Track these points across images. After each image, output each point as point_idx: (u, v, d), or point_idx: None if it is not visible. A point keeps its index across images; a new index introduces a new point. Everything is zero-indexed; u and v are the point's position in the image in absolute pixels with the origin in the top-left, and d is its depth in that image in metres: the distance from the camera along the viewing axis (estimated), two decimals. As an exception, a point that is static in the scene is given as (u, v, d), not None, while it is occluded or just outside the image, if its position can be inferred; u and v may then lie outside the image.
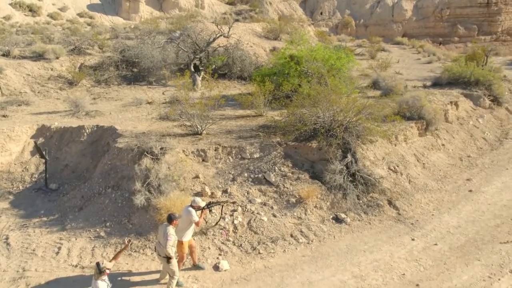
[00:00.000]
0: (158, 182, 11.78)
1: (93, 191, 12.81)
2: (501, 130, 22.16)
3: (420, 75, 30.33)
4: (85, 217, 12.02)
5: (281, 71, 20.19)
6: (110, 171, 13.15)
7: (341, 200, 12.83)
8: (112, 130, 15.06)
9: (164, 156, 12.56)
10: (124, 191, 12.40)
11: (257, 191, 12.67)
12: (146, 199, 11.52)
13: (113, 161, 13.31)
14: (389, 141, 15.58)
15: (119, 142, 13.76)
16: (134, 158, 12.80)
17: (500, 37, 75.39)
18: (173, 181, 11.94)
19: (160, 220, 11.03)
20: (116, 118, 16.91)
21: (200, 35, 27.92)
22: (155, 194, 11.55)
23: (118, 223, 11.64)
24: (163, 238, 8.85)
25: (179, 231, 9.47)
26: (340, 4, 78.17)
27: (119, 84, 23.13)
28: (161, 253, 8.94)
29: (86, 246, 10.91)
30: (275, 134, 14.63)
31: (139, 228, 11.40)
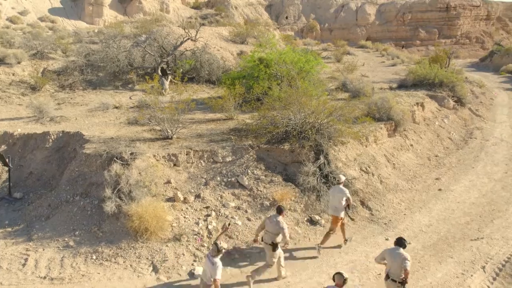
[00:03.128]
0: (129, 188, 11.47)
1: (61, 199, 12.36)
2: (465, 130, 22.71)
3: (385, 78, 30.82)
4: (52, 227, 11.57)
5: (250, 74, 20.12)
6: (78, 178, 12.73)
7: (315, 202, 12.82)
8: (79, 136, 14.60)
9: (134, 161, 12.26)
10: (93, 198, 12.02)
11: (231, 195, 12.51)
12: (116, 206, 11.19)
13: (81, 167, 12.89)
14: (360, 143, 15.69)
15: (86, 148, 13.34)
16: (103, 164, 12.44)
17: (460, 41, 77.82)
18: (145, 187, 11.64)
19: (132, 227, 10.74)
20: (82, 124, 16.43)
21: (166, 39, 27.55)
22: (126, 200, 11.24)
23: (88, 232, 11.26)
24: (276, 228, 9.67)
25: (334, 209, 11.18)
26: (305, 9, 79.01)
27: (85, 88, 22.53)
28: (268, 241, 9.75)
29: (54, 257, 10.48)
30: (247, 137, 14.51)
31: (110, 236, 11.05)
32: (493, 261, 11.04)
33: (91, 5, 59.96)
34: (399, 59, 42.68)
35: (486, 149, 20.23)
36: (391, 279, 8.50)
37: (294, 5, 78.59)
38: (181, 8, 70.40)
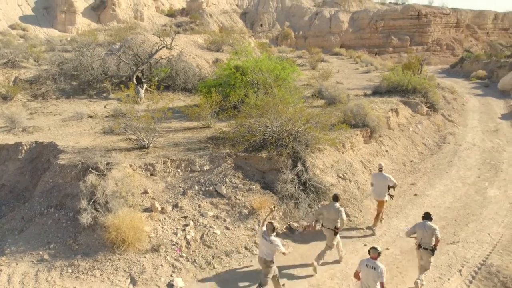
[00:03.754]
0: (105, 199, 11.28)
1: (34, 212, 12.06)
2: (439, 135, 23.13)
3: (360, 84, 31.19)
4: (26, 240, 11.27)
5: (226, 82, 20.10)
6: (52, 190, 12.45)
7: (293, 210, 12.84)
8: (53, 146, 14.30)
9: (110, 171, 12.06)
10: (68, 210, 11.77)
11: (209, 204, 12.43)
12: (92, 217, 10.98)
13: (55, 178, 12.62)
14: (337, 149, 15.81)
15: (60, 158, 13.07)
16: (78, 175, 12.20)
17: (431, 47, 79.49)
18: (121, 198, 11.47)
19: (108, 238, 10.56)
20: (56, 134, 16.11)
21: (141, 47, 27.33)
22: (102, 212, 11.04)
23: (63, 245, 11.01)
24: (335, 214, 10.81)
25: (379, 194, 12.71)
26: (279, 16, 79.58)
27: (58, 98, 22.14)
28: (331, 226, 10.89)
29: (28, 271, 10.21)
30: (224, 146, 14.45)
31: (86, 249, 10.83)
32: (469, 264, 11.23)
33: (63, 13, 59.16)
34: (372, 66, 43.32)
35: (459, 154, 20.62)
36: (423, 248, 10.06)
37: (268, 13, 79.08)
38: (156, 16, 70.07)
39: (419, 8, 79.92)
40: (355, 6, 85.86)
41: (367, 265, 8.62)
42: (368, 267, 8.57)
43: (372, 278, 8.50)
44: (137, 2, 67.77)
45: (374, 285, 8.50)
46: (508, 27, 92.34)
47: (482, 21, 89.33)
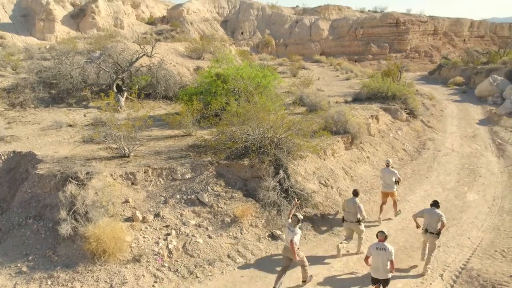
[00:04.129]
0: (85, 209, 11.12)
1: (12, 223, 11.82)
2: (418, 141, 23.41)
3: (340, 91, 31.43)
4: (3, 252, 11.03)
5: (207, 90, 20.07)
6: (30, 200, 12.23)
7: (276, 217, 12.84)
8: (31, 156, 14.06)
9: (90, 181, 11.90)
10: (47, 221, 11.57)
11: (191, 213, 12.35)
12: (72, 228, 10.81)
13: (34, 189, 12.40)
14: (318, 156, 15.89)
15: (39, 168, 12.85)
16: (57, 185, 12.01)
17: (410, 55, 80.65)
18: (102, 207, 11.32)
19: (89, 249, 10.41)
20: (34, 143, 15.85)
21: (121, 55, 27.13)
22: (82, 222, 10.88)
23: (42, 256, 10.80)
24: (354, 208, 12.04)
25: (388, 186, 14.32)
26: (260, 24, 79.89)
27: (36, 106, 21.79)
28: (353, 219, 12.06)
29: (6, 284, 9.97)
30: (206, 153, 14.39)
31: (66, 260, 10.64)
32: (450, 268, 11.36)
33: (42, 21, 58.45)
34: (352, 73, 43.71)
35: (438, 159, 20.90)
36: (430, 232, 11.22)
37: (249, 21, 79.34)
38: (136, 24, 69.68)
39: (398, 16, 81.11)
40: (335, 14, 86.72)
41: (377, 248, 9.65)
42: (379, 249, 9.61)
43: (382, 258, 9.51)
44: (117, 10, 67.37)
45: (384, 265, 9.51)
46: (484, 35, 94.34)
47: (459, 29, 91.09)
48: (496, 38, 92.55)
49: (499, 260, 11.68)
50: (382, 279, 9.66)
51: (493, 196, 16.48)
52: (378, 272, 9.63)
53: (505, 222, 14.12)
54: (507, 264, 11.45)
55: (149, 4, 77.53)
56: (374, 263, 9.67)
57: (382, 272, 9.57)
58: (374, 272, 9.71)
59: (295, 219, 10.25)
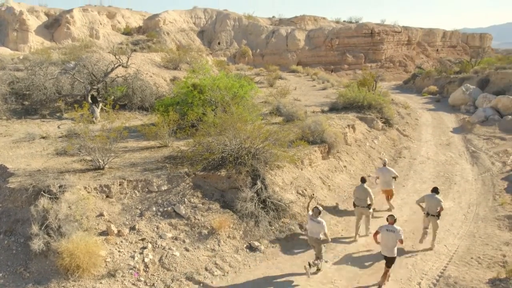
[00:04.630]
0: (58, 224, 10.83)
1: (-19, 239, 11.44)
2: (394, 150, 23.65)
3: (317, 101, 31.63)
4: (-28, 269, 10.65)
5: (184, 100, 19.94)
6: (1, 215, 11.86)
7: (254, 228, 12.73)
8: (2, 169, 13.66)
9: (63, 194, 11.61)
10: (18, 236, 11.23)
11: (167, 225, 12.15)
12: (45, 243, 10.51)
13: (5, 203, 12.04)
14: (295, 166, 15.88)
15: (10, 182, 12.49)
16: (29, 199, 11.68)
17: (384, 64, 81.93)
18: (75, 221, 11.05)
19: (62, 265, 10.12)
20: (6, 156, 15.43)
21: (96, 65, 26.83)
22: (55, 237, 10.60)
23: (13, 273, 10.46)
24: (364, 194, 13.61)
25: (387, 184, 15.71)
26: (236, 35, 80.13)
27: (8, 118, 21.31)
28: (364, 204, 13.57)
29: (-26, 303, 9.64)
30: (182, 165, 14.22)
31: (38, 276, 10.32)
32: (428, 276, 11.42)
33: (15, 31, 57.47)
34: (329, 83, 44.07)
35: (414, 167, 21.14)
36: (431, 215, 12.96)
37: (226, 31, 79.51)
38: (112, 34, 69.08)
39: (372, 26, 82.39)
40: (311, 24, 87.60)
41: (387, 229, 11.00)
42: (388, 231, 10.94)
43: (391, 238, 10.82)
44: (92, 20, 66.75)
45: (394, 244, 10.81)
46: (456, 45, 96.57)
47: (432, 39, 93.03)
48: (467, 48, 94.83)
49: (475, 267, 11.80)
50: (389, 257, 10.94)
51: (468, 203, 16.71)
52: (386, 250, 10.99)
53: (480, 229, 14.30)
54: (483, 271, 11.57)
55: (125, 14, 77.04)
56: (383, 242, 11.03)
57: (389, 251, 10.89)
58: (383, 250, 11.11)
59: (316, 210, 11.43)
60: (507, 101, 31.89)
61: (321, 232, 11.22)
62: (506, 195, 17.26)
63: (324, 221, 11.35)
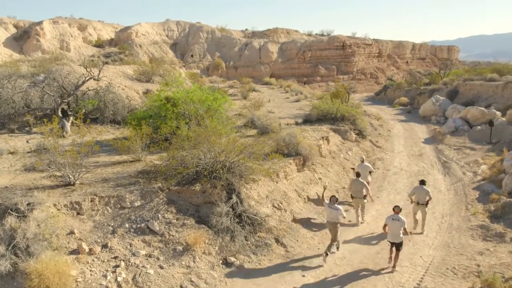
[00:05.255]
0: (26, 243, 10.41)
1: None
2: (368, 161, 23.77)
3: (290, 113, 31.74)
4: None
5: (157, 114, 19.66)
6: (-35, 235, 11.36)
7: (230, 243, 12.52)
8: (-33, 187, 13.15)
9: (32, 212, 11.20)
10: (-16, 257, 10.74)
11: (141, 242, 11.83)
12: (12, 264, 10.08)
13: (-31, 222, 11.54)
14: (271, 179, 15.76)
15: (-25, 200, 12.01)
16: (-5, 218, 11.23)
17: (356, 76, 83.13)
18: (44, 240, 10.64)
19: (30, 286, 9.70)
20: (-29, 173, 14.88)
21: (67, 78, 26.34)
22: (23, 257, 10.18)
23: (-23, 296, 10.00)
24: (360, 187, 15.69)
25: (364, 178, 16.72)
26: (209, 47, 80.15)
27: (-26, 133, 20.66)
28: (360, 196, 15.60)
29: None
30: (156, 180, 13.93)
31: (4, 299, 9.89)
32: (405, 288, 11.41)
33: (-18, 43, 56.15)
34: (302, 94, 44.34)
35: (388, 178, 21.32)
36: (420, 204, 14.95)
37: (199, 44, 79.44)
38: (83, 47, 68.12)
39: (344, 39, 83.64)
40: (283, 37, 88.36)
41: (393, 219, 12.34)
42: (394, 220, 12.29)
43: (397, 227, 12.19)
44: (63, 32, 65.72)
45: (399, 231, 12.17)
46: (425, 57, 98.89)
47: (402, 51, 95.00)
48: (436, 60, 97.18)
49: (451, 278, 11.85)
50: (397, 242, 12.24)
51: (441, 213, 16.88)
52: (393, 237, 12.27)
53: (454, 239, 14.43)
54: (459, 281, 11.63)
55: (96, 26, 76.18)
56: (390, 230, 12.31)
57: (397, 237, 12.22)
58: (391, 237, 12.35)
59: (334, 199, 13.05)
60: (476, 111, 32.63)
61: (339, 216, 12.79)
62: (478, 204, 17.53)
63: (341, 207, 12.98)
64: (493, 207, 16.93)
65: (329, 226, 13.08)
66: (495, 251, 13.35)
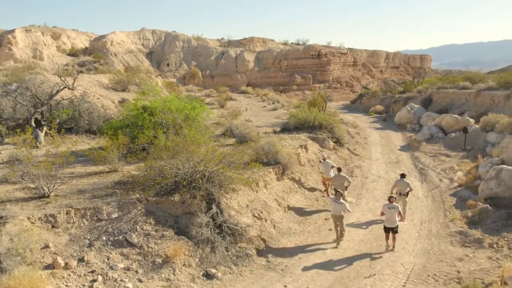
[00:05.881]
0: (-2, 259, 10.01)
1: None
2: (346, 169, 23.82)
3: (268, 122, 31.73)
4: None
5: (134, 123, 19.32)
6: None
7: (210, 254, 12.29)
8: None
9: (4, 226, 10.79)
10: (-47, 273, 10.29)
11: (119, 255, 11.51)
12: (-17, 280, 9.67)
13: None
14: (251, 188, 15.60)
15: None
16: (-35, 232, 10.77)
17: (332, 85, 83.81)
18: (18, 255, 10.24)
19: (3, 304, 9.31)
20: None
21: (40, 87, 25.74)
22: (-5, 273, 9.78)
23: None
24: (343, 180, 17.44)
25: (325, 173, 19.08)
26: (186, 56, 79.78)
27: None
28: (343, 188, 17.00)
29: None
30: (133, 190, 13.63)
31: (-25, 318, 9.45)
32: (386, 297, 11.37)
33: (-50, 52, 54.69)
34: (279, 103, 44.43)
35: (366, 186, 21.40)
36: (402, 194, 16.79)
37: (175, 53, 79.00)
38: (57, 55, 66.92)
39: (319, 48, 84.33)
40: (260, 46, 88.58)
41: (389, 207, 14.05)
42: (390, 208, 14.01)
43: (393, 214, 13.97)
44: (36, 41, 64.48)
45: (395, 217, 14.01)
46: (399, 65, 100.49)
47: (376, 60, 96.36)
48: (409, 69, 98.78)
49: (432, 285, 11.86)
50: (393, 227, 13.99)
51: (420, 220, 16.99)
52: (390, 222, 13.98)
53: (434, 246, 14.50)
54: (440, 289, 11.65)
55: (70, 35, 75.05)
56: (386, 217, 14.04)
57: (393, 223, 13.95)
58: (387, 223, 14.04)
59: (339, 194, 14.57)
60: (450, 119, 33.17)
61: (343, 210, 14.20)
62: (455, 211, 17.70)
63: (344, 202, 14.69)
64: (470, 213, 17.11)
65: (335, 219, 14.31)
66: (474, 257, 13.45)
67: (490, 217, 16.48)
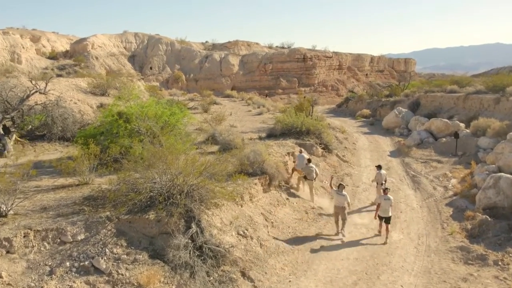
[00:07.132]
0: None
1: None
2: (336, 177, 22.62)
3: (253, 127, 30.51)
4: None
5: (109, 131, 17.85)
6: None
7: (189, 280, 10.85)
8: None
9: (-51, 253, 9.33)
10: None
11: (84, 284, 10.03)
12: None
13: None
14: (235, 203, 14.20)
15: None
16: None
17: (318, 88, 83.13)
18: (-38, 288, 8.82)
19: None
20: None
21: (12, 91, 24.12)
22: None
23: None
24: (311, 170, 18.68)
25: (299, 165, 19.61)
26: (169, 59, 78.29)
27: None
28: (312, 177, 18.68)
29: None
30: (103, 207, 12.11)
31: None
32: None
33: None
34: (264, 107, 43.26)
35: (358, 195, 20.28)
36: (380, 184, 18.63)
37: (158, 56, 77.42)
38: (36, 59, 64.82)
39: (305, 51, 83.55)
40: (244, 49, 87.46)
41: (384, 198, 15.23)
42: (385, 199, 15.20)
43: (387, 204, 15.20)
44: (14, 43, 62.33)
45: (389, 207, 15.20)
46: (383, 69, 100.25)
47: (361, 64, 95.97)
48: (394, 72, 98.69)
49: (436, 312, 10.70)
50: (387, 217, 15.14)
51: (417, 234, 15.86)
52: (385, 212, 15.14)
53: (435, 263, 13.34)
54: (445, 316, 10.48)
55: (50, 38, 72.99)
56: (382, 207, 15.15)
57: (387, 212, 15.12)
58: (382, 213, 15.18)
59: (342, 187, 15.81)
60: (440, 123, 32.30)
61: (345, 202, 15.44)
62: (453, 222, 16.64)
63: (347, 195, 15.83)
64: (469, 225, 16.08)
65: (338, 210, 15.36)
66: (479, 276, 12.38)
67: (491, 230, 15.50)
